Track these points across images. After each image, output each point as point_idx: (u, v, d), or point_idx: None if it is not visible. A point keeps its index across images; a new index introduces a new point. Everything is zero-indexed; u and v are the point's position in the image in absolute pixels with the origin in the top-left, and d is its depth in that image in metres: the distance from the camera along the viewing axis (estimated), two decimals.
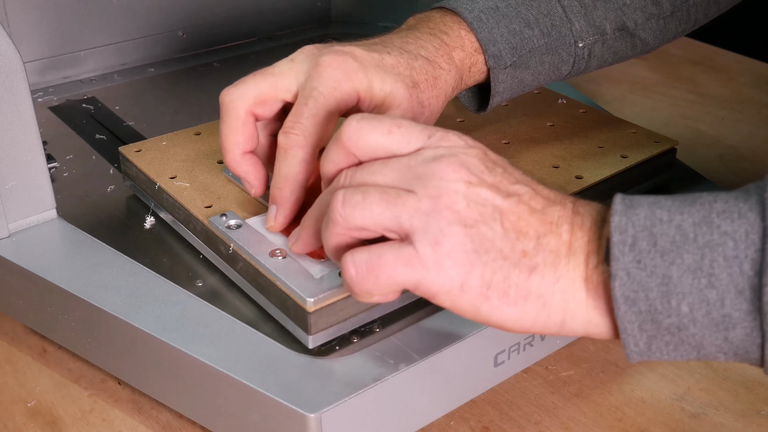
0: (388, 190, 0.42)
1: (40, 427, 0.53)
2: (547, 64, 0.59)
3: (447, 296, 0.41)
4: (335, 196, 0.43)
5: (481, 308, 0.41)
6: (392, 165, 0.43)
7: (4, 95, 0.54)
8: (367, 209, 0.42)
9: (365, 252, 0.42)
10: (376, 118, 0.44)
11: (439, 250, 0.40)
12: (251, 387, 0.46)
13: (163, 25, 0.88)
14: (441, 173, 0.41)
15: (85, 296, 0.52)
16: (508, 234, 0.41)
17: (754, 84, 1.00)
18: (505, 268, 0.41)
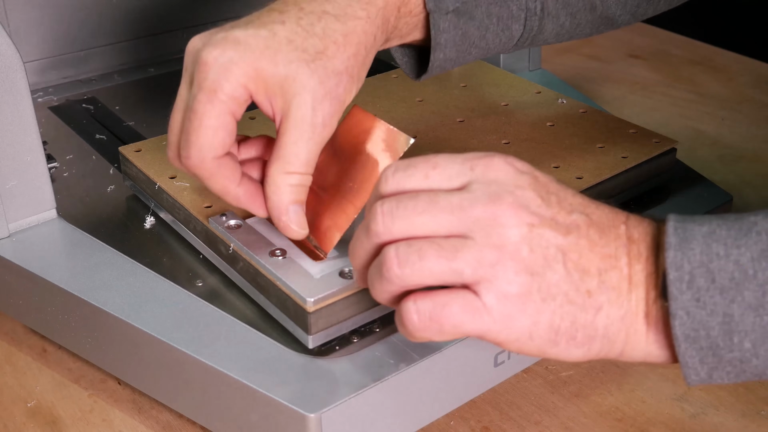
0: (444, 244, 0.39)
1: (40, 427, 0.53)
2: (494, 17, 0.54)
3: (515, 344, 0.40)
4: (387, 254, 0.40)
5: (548, 352, 0.41)
6: (442, 206, 0.40)
7: (4, 95, 0.54)
8: (426, 269, 0.39)
9: (429, 301, 0.40)
10: (407, 169, 0.41)
11: (507, 301, 0.39)
12: (251, 387, 0.46)
13: (163, 25, 0.88)
14: (501, 219, 0.39)
15: (85, 296, 0.52)
16: (572, 275, 0.40)
17: (754, 84, 1.00)
18: (572, 313, 0.40)
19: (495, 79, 0.75)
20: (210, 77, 0.45)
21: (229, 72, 0.44)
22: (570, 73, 1.02)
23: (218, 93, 0.44)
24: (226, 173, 0.47)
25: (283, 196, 0.47)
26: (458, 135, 0.65)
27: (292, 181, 0.47)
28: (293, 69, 0.45)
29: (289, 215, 0.47)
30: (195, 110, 0.45)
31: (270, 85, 0.45)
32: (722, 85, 0.99)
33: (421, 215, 0.40)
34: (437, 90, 0.73)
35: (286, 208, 0.47)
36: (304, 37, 0.46)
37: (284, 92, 0.45)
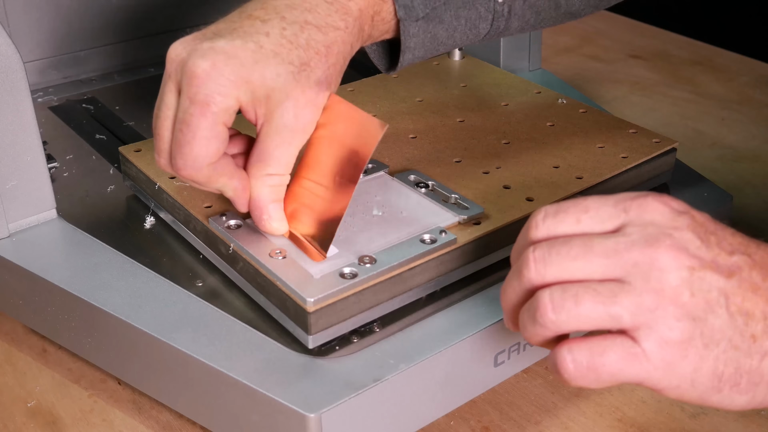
0: (601, 289, 0.39)
1: (40, 427, 0.53)
2: (463, 19, 0.55)
3: (674, 391, 0.39)
4: (542, 299, 0.39)
5: (710, 399, 0.40)
6: (597, 251, 0.39)
7: (4, 95, 0.54)
8: (583, 315, 0.39)
9: (586, 350, 0.39)
10: (557, 214, 0.41)
11: (668, 348, 0.38)
12: (251, 387, 0.46)
13: (163, 25, 0.88)
14: (660, 263, 0.38)
15: (85, 296, 0.52)
16: (735, 320, 0.38)
17: (754, 84, 1.00)
18: (737, 359, 0.39)
19: (495, 79, 0.75)
20: (202, 91, 0.46)
21: (221, 86, 0.46)
22: (570, 73, 1.02)
23: (211, 106, 0.46)
24: (221, 173, 0.48)
25: (264, 195, 0.49)
26: (458, 135, 0.65)
27: (272, 182, 0.49)
28: (281, 82, 0.47)
29: (269, 213, 0.50)
30: (188, 123, 0.46)
31: (257, 96, 0.47)
32: (722, 85, 0.99)
33: (576, 260, 0.39)
34: (437, 90, 0.73)
35: (266, 206, 0.50)
36: (289, 49, 0.47)
37: (269, 101, 0.47)
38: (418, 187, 0.56)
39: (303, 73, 0.47)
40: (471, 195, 0.56)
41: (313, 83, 0.48)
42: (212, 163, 0.47)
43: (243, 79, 0.46)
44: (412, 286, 0.51)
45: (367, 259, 0.49)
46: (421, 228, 0.52)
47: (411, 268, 0.50)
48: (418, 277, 0.51)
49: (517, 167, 0.60)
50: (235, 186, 0.49)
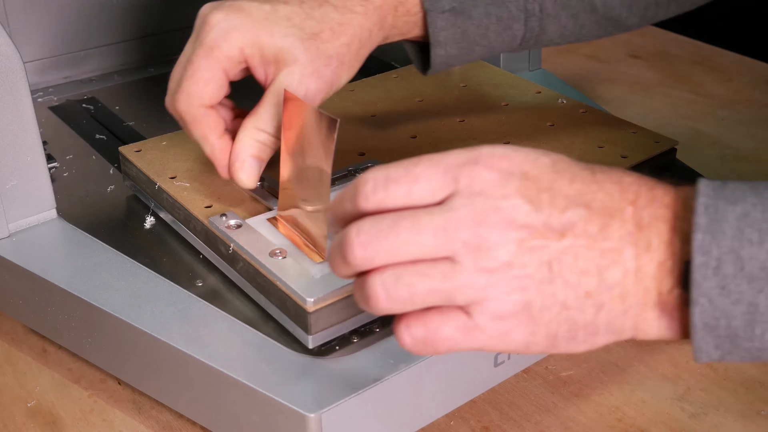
0: (432, 272, 0.38)
1: (40, 427, 0.53)
2: (494, 17, 0.55)
3: (513, 352, 0.41)
4: (373, 288, 0.38)
5: (549, 352, 0.40)
6: (426, 231, 0.38)
7: (4, 95, 0.54)
8: (418, 299, 0.38)
9: (422, 326, 0.39)
10: (388, 187, 0.39)
11: (500, 321, 0.38)
12: (251, 387, 0.46)
13: (163, 25, 0.88)
14: (488, 241, 0.37)
15: (85, 296, 0.52)
16: (568, 281, 0.38)
17: (754, 84, 1.00)
18: (570, 318, 0.38)
19: (495, 79, 0.75)
20: (210, 36, 0.49)
21: (228, 34, 0.49)
22: (570, 73, 1.02)
23: (215, 50, 0.49)
24: (208, 122, 0.51)
25: (246, 146, 0.51)
26: (458, 135, 0.65)
27: (258, 137, 0.51)
28: (288, 42, 0.49)
29: (243, 164, 0.51)
30: (192, 62, 0.50)
31: (265, 54, 0.49)
32: (722, 85, 0.99)
33: (406, 245, 0.38)
34: (437, 90, 0.73)
35: (244, 158, 0.51)
36: (302, 18, 0.50)
37: (277, 62, 0.49)
38: None
39: (312, 41, 0.49)
40: None
41: (323, 54, 0.50)
42: (204, 105, 0.50)
43: (251, 33, 0.49)
44: None
45: None
46: None
47: None
48: None
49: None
50: (212, 143, 0.51)
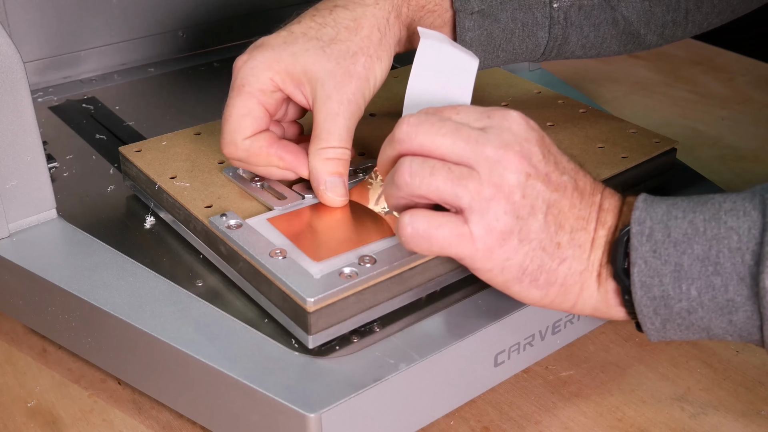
0: (454, 169, 0.45)
1: (40, 427, 0.53)
2: (519, 22, 0.58)
3: (485, 273, 0.46)
4: (403, 164, 0.45)
5: (511, 287, 0.46)
6: (462, 135, 0.45)
7: (4, 95, 0.54)
8: (433, 186, 0.45)
9: (424, 220, 0.45)
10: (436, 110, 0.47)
11: (491, 235, 0.44)
12: (251, 387, 0.46)
13: (163, 25, 0.88)
14: (505, 162, 0.44)
15: (85, 296, 0.52)
16: (549, 227, 0.45)
17: (754, 84, 1.00)
18: (541, 258, 0.45)
19: (495, 79, 0.75)
20: (239, 76, 0.52)
21: (255, 69, 0.51)
22: (570, 73, 1.02)
23: (245, 87, 0.51)
24: (261, 145, 0.52)
25: (320, 170, 0.52)
26: None
27: (327, 155, 0.52)
28: (310, 56, 0.51)
29: (326, 185, 0.52)
30: (227, 105, 0.52)
31: (294, 75, 0.51)
32: (722, 85, 0.99)
33: (444, 137, 0.45)
34: None
35: (323, 179, 0.52)
36: (317, 29, 0.52)
37: (308, 78, 0.51)
38: None
39: (333, 46, 0.51)
40: None
41: (346, 54, 0.51)
42: (247, 137, 0.51)
43: (274, 60, 0.51)
44: (412, 286, 0.51)
45: (367, 259, 0.49)
46: None
47: (411, 268, 0.50)
48: (418, 277, 0.51)
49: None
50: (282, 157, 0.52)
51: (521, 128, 0.46)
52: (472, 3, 0.56)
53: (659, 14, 0.61)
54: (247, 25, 0.94)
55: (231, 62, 0.88)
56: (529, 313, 0.52)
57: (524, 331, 0.53)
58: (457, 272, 0.53)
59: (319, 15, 0.52)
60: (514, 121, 0.46)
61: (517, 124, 0.46)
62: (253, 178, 0.58)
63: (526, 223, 0.45)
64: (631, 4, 0.60)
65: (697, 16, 0.63)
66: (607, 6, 0.59)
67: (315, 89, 0.51)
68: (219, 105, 0.77)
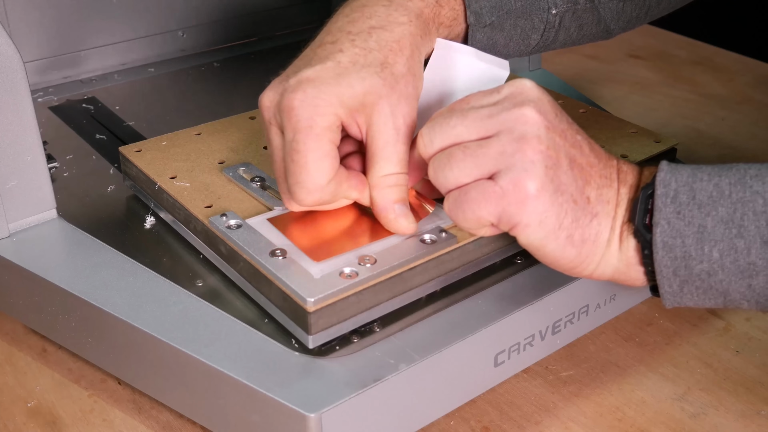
0: (471, 145, 0.46)
1: (40, 427, 0.53)
2: (519, 29, 0.59)
3: (523, 230, 0.46)
4: (430, 166, 0.47)
5: (548, 245, 0.46)
6: (472, 116, 0.46)
7: (4, 95, 0.54)
8: (456, 169, 0.46)
9: (457, 190, 0.46)
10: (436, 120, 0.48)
11: (521, 187, 0.44)
12: (251, 387, 0.46)
13: (163, 25, 0.88)
14: (524, 119, 0.45)
15: (85, 296, 0.52)
16: (577, 180, 0.46)
17: (754, 84, 1.00)
18: (575, 212, 0.46)
19: None
20: (303, 118, 0.48)
21: (318, 107, 0.48)
22: (570, 73, 1.02)
23: (314, 128, 0.48)
24: (340, 181, 0.50)
25: (384, 198, 0.51)
26: None
27: (388, 183, 0.51)
28: (368, 84, 0.49)
29: (395, 212, 0.51)
30: (297, 150, 0.48)
31: (352, 106, 0.49)
32: (722, 85, 0.99)
33: (454, 128, 0.46)
34: None
35: (391, 207, 0.51)
36: (364, 55, 0.50)
37: (365, 106, 0.49)
38: None
39: (385, 71, 0.50)
40: None
41: (399, 77, 0.50)
42: (331, 179, 0.49)
43: (333, 95, 0.48)
44: (412, 286, 0.51)
45: (368, 259, 0.49)
46: (421, 228, 0.52)
47: (411, 268, 0.50)
48: (418, 277, 0.51)
49: None
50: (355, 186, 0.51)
51: (534, 91, 0.47)
52: (484, 17, 0.57)
53: (628, 11, 0.63)
54: (247, 25, 0.94)
55: (231, 62, 0.89)
56: (529, 313, 0.52)
57: (524, 331, 0.53)
58: (457, 272, 0.53)
59: (360, 39, 0.50)
60: (526, 86, 0.47)
61: (530, 88, 0.47)
62: (253, 178, 0.58)
63: (555, 173, 0.45)
64: (608, 4, 0.61)
65: (656, 11, 0.65)
66: (594, 8, 0.61)
67: (371, 117, 0.50)
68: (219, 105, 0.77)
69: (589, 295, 0.56)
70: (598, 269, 0.48)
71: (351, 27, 0.51)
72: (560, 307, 0.54)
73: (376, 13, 0.52)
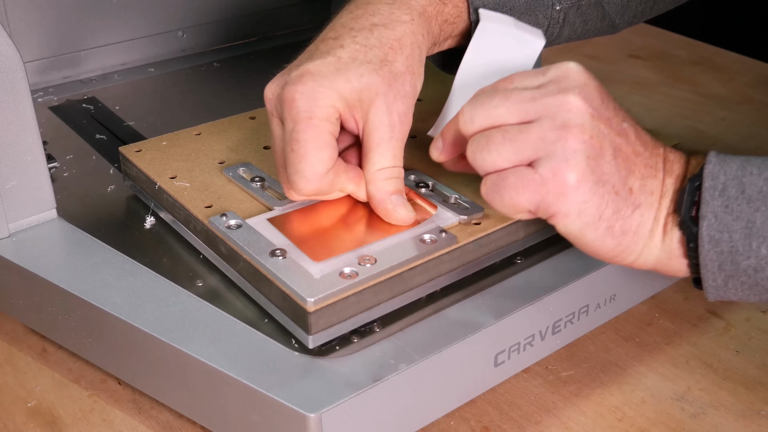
0: (510, 129, 0.45)
1: (40, 427, 0.53)
2: None
3: (562, 219, 0.45)
4: (468, 146, 0.47)
5: (587, 235, 0.46)
6: (514, 98, 0.45)
7: (4, 95, 0.54)
8: (494, 152, 0.45)
9: (495, 175, 0.46)
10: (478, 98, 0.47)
11: (561, 176, 0.44)
12: (251, 387, 0.46)
13: (163, 25, 0.88)
14: (568, 105, 0.44)
15: (85, 296, 0.52)
16: (620, 170, 0.45)
17: (754, 84, 1.00)
18: (616, 203, 0.45)
19: None
20: (302, 109, 0.49)
21: (317, 100, 0.49)
22: None
23: (313, 119, 0.49)
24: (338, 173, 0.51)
25: (380, 190, 0.52)
26: None
27: (385, 176, 0.51)
28: (365, 81, 0.49)
29: (392, 203, 0.52)
30: (297, 140, 0.49)
31: (350, 101, 0.50)
32: (722, 85, 0.99)
33: (496, 108, 0.46)
34: (437, 90, 0.73)
35: (388, 198, 0.52)
36: (364, 52, 0.50)
37: (362, 102, 0.50)
38: (418, 187, 0.56)
39: (384, 68, 0.50)
40: (471, 195, 0.56)
41: (397, 75, 0.51)
42: (330, 168, 0.50)
43: (331, 88, 0.49)
44: (412, 286, 0.51)
45: (368, 259, 0.49)
46: (421, 228, 0.52)
47: (411, 268, 0.50)
48: (418, 277, 0.51)
49: None
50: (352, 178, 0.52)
51: (580, 75, 0.46)
52: None
53: (633, 6, 0.63)
54: (247, 25, 0.94)
55: (231, 62, 0.89)
56: (529, 313, 0.52)
57: (524, 331, 0.53)
58: (457, 272, 0.53)
59: (361, 36, 0.51)
60: (572, 70, 0.46)
61: (576, 72, 0.46)
62: (253, 178, 0.58)
63: (597, 164, 0.44)
64: None
65: (662, 6, 0.65)
66: (598, 4, 0.61)
67: (368, 113, 0.50)
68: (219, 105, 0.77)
69: (589, 295, 0.56)
70: (639, 259, 0.47)
71: (354, 23, 0.52)
72: (560, 307, 0.54)
73: (379, 11, 0.52)
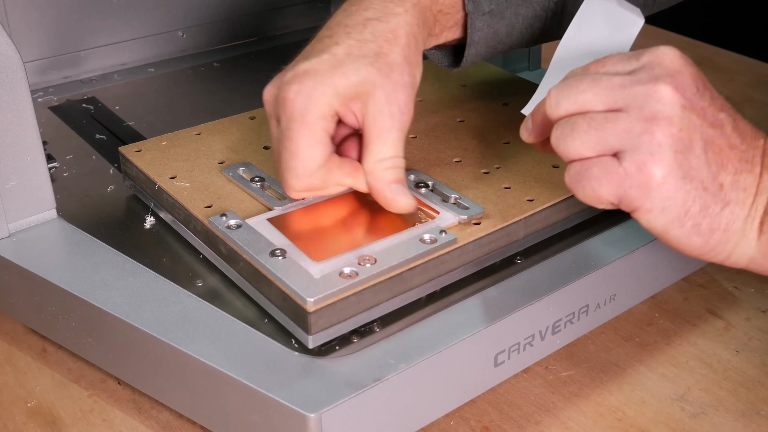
0: (596, 117, 0.44)
1: (40, 427, 0.53)
2: (521, 17, 0.58)
3: (645, 215, 0.44)
4: (553, 131, 0.45)
5: (671, 231, 0.44)
6: (603, 84, 0.44)
7: (4, 95, 0.54)
8: (578, 140, 0.44)
9: (578, 164, 0.45)
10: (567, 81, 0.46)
11: (646, 170, 0.42)
12: (251, 387, 0.46)
13: (163, 25, 0.88)
14: (658, 95, 0.42)
15: (85, 296, 0.52)
16: (711, 165, 0.43)
17: (754, 84, 1.00)
18: (704, 199, 0.43)
19: (495, 79, 0.75)
20: (296, 108, 0.49)
21: (312, 98, 0.49)
22: None
23: (306, 117, 0.49)
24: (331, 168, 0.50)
25: (380, 180, 0.51)
26: (458, 135, 0.65)
27: (385, 166, 0.51)
28: (362, 74, 0.49)
29: (391, 192, 0.51)
30: (290, 137, 0.49)
31: (347, 96, 0.50)
32: (722, 85, 0.99)
33: (584, 93, 0.44)
34: (437, 90, 0.73)
35: (386, 188, 0.51)
36: (359, 47, 0.50)
37: (360, 95, 0.50)
38: (418, 187, 0.56)
39: (380, 60, 0.50)
40: (471, 195, 0.56)
41: (393, 66, 0.50)
42: (321, 165, 0.50)
43: (328, 85, 0.49)
44: (412, 286, 0.51)
45: (368, 259, 0.49)
46: (421, 228, 0.52)
47: (411, 268, 0.50)
48: (418, 277, 0.51)
49: (517, 167, 0.60)
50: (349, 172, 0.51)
51: (675, 62, 0.44)
52: (483, 5, 0.57)
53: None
54: (247, 25, 0.94)
55: (231, 62, 0.89)
56: (529, 313, 0.52)
57: (524, 331, 0.53)
58: (457, 272, 0.53)
59: (355, 31, 0.51)
60: (666, 56, 0.44)
61: (670, 58, 0.44)
62: (252, 178, 0.58)
63: (685, 158, 0.42)
64: None
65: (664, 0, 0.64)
66: None
67: (366, 105, 0.50)
68: (219, 105, 0.77)
69: (589, 295, 0.56)
70: (730, 258, 0.45)
71: (348, 20, 0.52)
72: (560, 307, 0.54)
73: (372, 5, 0.52)
